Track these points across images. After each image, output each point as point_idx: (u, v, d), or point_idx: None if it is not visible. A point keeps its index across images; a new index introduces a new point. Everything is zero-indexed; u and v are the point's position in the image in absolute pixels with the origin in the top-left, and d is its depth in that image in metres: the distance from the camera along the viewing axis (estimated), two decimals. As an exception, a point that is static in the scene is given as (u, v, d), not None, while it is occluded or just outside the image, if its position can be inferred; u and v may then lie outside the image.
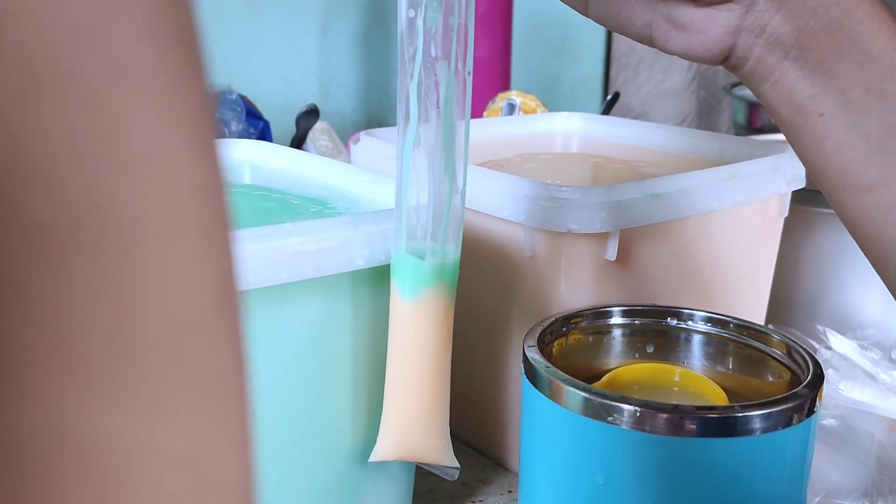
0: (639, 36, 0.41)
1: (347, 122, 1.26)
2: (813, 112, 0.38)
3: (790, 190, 0.63)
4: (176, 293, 0.14)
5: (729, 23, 0.39)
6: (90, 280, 0.13)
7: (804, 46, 0.38)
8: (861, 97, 0.37)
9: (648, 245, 0.56)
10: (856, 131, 0.38)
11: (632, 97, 1.49)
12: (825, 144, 0.39)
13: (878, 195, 0.38)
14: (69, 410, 0.13)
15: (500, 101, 0.97)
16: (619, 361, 0.53)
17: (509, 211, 0.53)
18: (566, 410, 0.42)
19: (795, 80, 0.39)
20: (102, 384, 0.13)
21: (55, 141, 0.12)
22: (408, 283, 0.43)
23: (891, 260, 0.39)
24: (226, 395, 0.15)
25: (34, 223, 0.12)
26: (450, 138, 0.41)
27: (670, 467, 0.40)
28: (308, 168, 0.59)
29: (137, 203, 0.13)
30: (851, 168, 0.38)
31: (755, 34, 0.39)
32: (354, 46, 1.27)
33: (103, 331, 0.13)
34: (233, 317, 0.15)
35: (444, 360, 0.44)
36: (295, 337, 0.43)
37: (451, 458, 0.46)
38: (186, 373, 0.14)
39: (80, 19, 0.13)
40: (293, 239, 0.41)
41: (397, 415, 0.44)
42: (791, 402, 0.41)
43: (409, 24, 0.39)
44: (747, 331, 0.51)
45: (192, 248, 0.14)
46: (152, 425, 0.14)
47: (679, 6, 0.39)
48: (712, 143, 0.71)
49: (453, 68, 0.40)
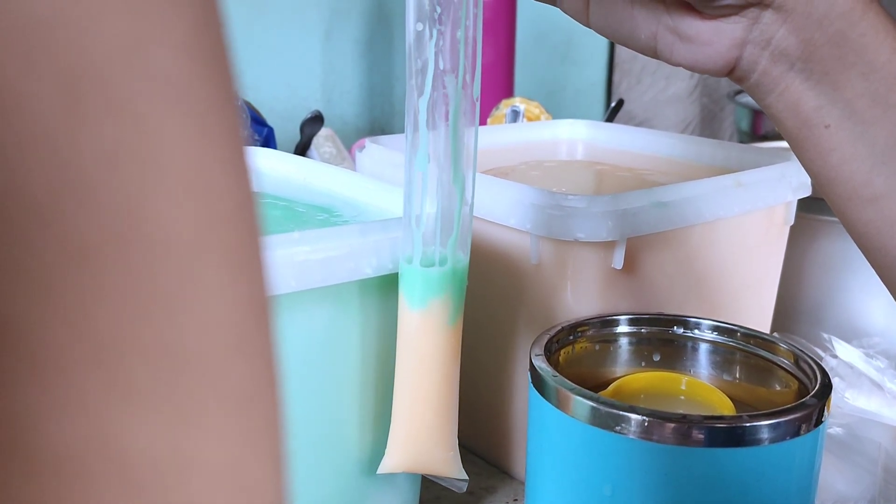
0: (643, 48, 0.41)
1: (351, 128, 1.26)
2: (819, 123, 0.38)
3: (796, 198, 0.63)
4: (213, 307, 0.14)
5: (735, 35, 0.39)
6: (129, 292, 0.13)
7: (809, 58, 0.38)
8: (867, 108, 0.37)
9: (654, 253, 0.56)
10: (861, 142, 0.38)
11: (635, 104, 1.49)
12: (831, 156, 0.39)
13: (884, 206, 0.38)
14: (110, 420, 0.13)
15: (504, 108, 0.97)
16: (626, 370, 0.53)
17: (516, 219, 0.53)
18: (573, 419, 0.42)
19: (801, 91, 0.39)
20: (141, 395, 0.13)
21: (97, 155, 0.13)
22: (416, 294, 0.42)
23: None
24: (262, 409, 0.15)
25: (76, 236, 0.13)
26: (458, 149, 0.41)
27: (678, 477, 0.40)
28: (313, 175, 0.59)
29: (176, 218, 0.13)
30: (857, 179, 0.38)
31: (761, 46, 0.39)
32: (358, 53, 1.27)
33: (141, 343, 0.13)
34: (267, 331, 0.15)
35: (452, 371, 0.44)
36: (302, 346, 0.43)
37: (460, 471, 0.46)
38: (223, 386, 0.14)
39: (122, 35, 0.13)
40: (301, 248, 0.41)
41: (406, 426, 0.44)
42: (799, 411, 0.41)
43: (416, 38, 0.39)
44: (754, 339, 0.50)
45: (228, 263, 0.14)
46: (191, 437, 0.14)
47: (685, 18, 0.39)
48: (717, 150, 0.71)
49: (461, 80, 0.40)
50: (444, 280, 0.42)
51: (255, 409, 0.15)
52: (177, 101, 0.13)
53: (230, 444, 0.14)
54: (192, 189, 0.14)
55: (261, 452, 0.15)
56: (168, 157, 0.13)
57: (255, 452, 0.15)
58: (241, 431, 0.15)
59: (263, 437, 0.15)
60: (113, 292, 0.13)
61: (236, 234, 0.14)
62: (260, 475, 0.15)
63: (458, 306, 0.43)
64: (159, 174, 0.13)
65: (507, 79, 1.17)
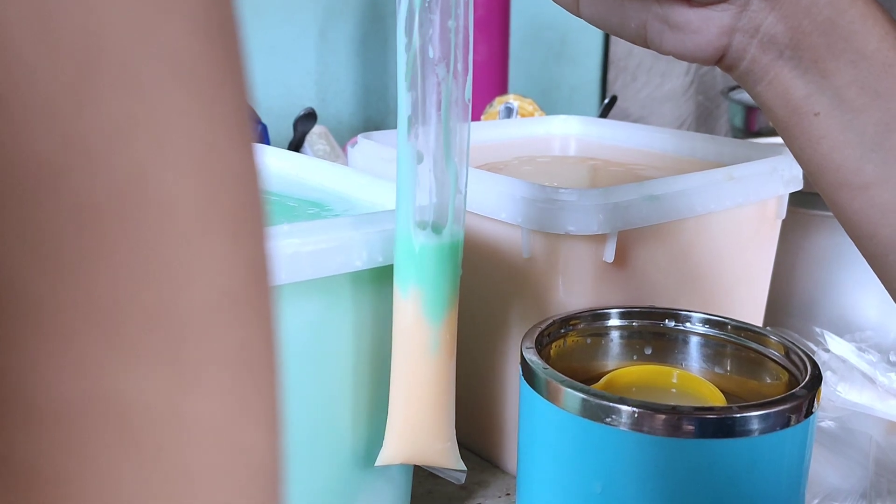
0: (633, 37, 0.41)
1: (345, 126, 1.26)
2: (808, 112, 0.39)
3: (787, 192, 0.64)
4: (212, 271, 0.14)
5: (723, 23, 0.39)
6: (131, 254, 0.14)
7: (798, 46, 0.38)
8: (856, 96, 0.37)
9: (646, 247, 0.56)
10: (851, 130, 0.38)
11: (630, 101, 1.49)
12: (821, 144, 0.39)
13: (875, 193, 0.38)
14: (109, 377, 0.14)
15: (498, 105, 0.97)
16: (618, 363, 0.53)
17: (507, 213, 0.53)
18: (564, 412, 0.42)
19: (790, 79, 0.39)
20: (140, 354, 0.14)
21: (104, 126, 0.13)
22: (409, 281, 0.42)
23: (888, 259, 0.39)
24: (258, 370, 0.15)
25: (81, 201, 0.13)
26: (450, 139, 0.41)
27: (668, 468, 0.40)
28: (305, 171, 0.59)
29: (179, 185, 0.14)
30: (847, 167, 0.38)
31: (749, 34, 0.39)
32: (352, 52, 1.27)
33: (142, 303, 0.14)
34: (265, 296, 0.16)
35: (447, 360, 0.44)
36: (293, 338, 0.43)
37: (458, 461, 0.46)
38: (221, 348, 0.15)
39: (132, 11, 0.13)
40: (290, 240, 0.41)
41: (403, 417, 0.44)
42: (789, 402, 0.41)
43: (407, 26, 0.39)
44: (745, 332, 0.51)
45: (229, 230, 0.15)
46: (188, 396, 0.14)
47: (673, 7, 0.39)
48: (710, 145, 0.71)
49: (452, 69, 0.40)
50: (438, 263, 0.42)
51: (252, 372, 0.15)
52: (185, 76, 0.14)
53: (226, 405, 0.15)
54: (197, 159, 0.14)
55: (257, 414, 0.15)
56: (174, 128, 0.14)
57: (251, 414, 0.15)
58: (237, 393, 0.15)
59: (260, 400, 0.15)
60: (115, 254, 0.13)
61: (238, 203, 0.15)
62: (255, 436, 0.15)
63: (452, 293, 0.43)
64: (164, 143, 0.14)
65: (501, 76, 1.17)
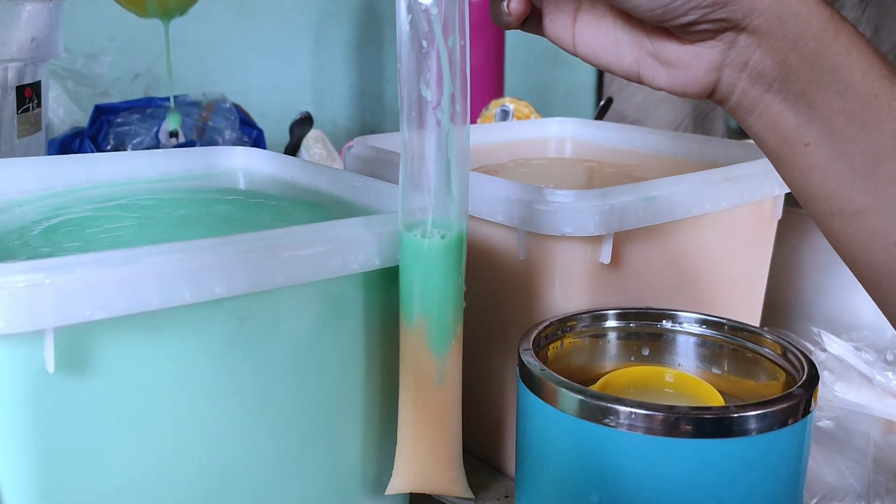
0: (627, 73, 0.43)
1: (341, 130, 1.26)
2: (798, 142, 0.39)
3: (783, 192, 0.64)
4: None
5: (712, 59, 0.40)
6: None
7: (786, 79, 0.39)
8: (844, 126, 0.38)
9: (642, 248, 0.56)
10: (841, 159, 0.39)
11: (626, 104, 1.49)
12: (812, 173, 0.39)
13: (866, 220, 0.39)
14: None
15: (494, 108, 0.98)
16: (615, 364, 0.53)
17: (503, 215, 0.53)
18: (562, 413, 0.42)
19: (780, 111, 0.39)
20: None
21: None
22: (414, 310, 0.43)
23: (881, 284, 0.40)
24: None
25: None
26: (449, 141, 0.41)
27: (666, 469, 0.40)
28: (302, 174, 0.59)
29: None
30: (839, 195, 0.39)
31: (738, 69, 0.39)
32: (348, 56, 1.27)
33: None
34: None
35: (454, 391, 0.44)
36: (290, 342, 0.43)
37: (466, 490, 0.46)
38: None
39: None
40: (287, 242, 0.41)
41: (412, 448, 0.45)
42: (786, 402, 0.41)
43: (408, 29, 0.39)
44: (742, 332, 0.51)
45: None
46: None
47: (665, 44, 0.40)
48: (705, 146, 0.71)
49: (449, 71, 0.40)
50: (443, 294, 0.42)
51: None
52: None
53: None
54: None
55: None
56: None
57: None
58: None
59: None
60: None
61: None
62: None
63: (456, 323, 0.43)
64: None
65: (498, 79, 1.17)
